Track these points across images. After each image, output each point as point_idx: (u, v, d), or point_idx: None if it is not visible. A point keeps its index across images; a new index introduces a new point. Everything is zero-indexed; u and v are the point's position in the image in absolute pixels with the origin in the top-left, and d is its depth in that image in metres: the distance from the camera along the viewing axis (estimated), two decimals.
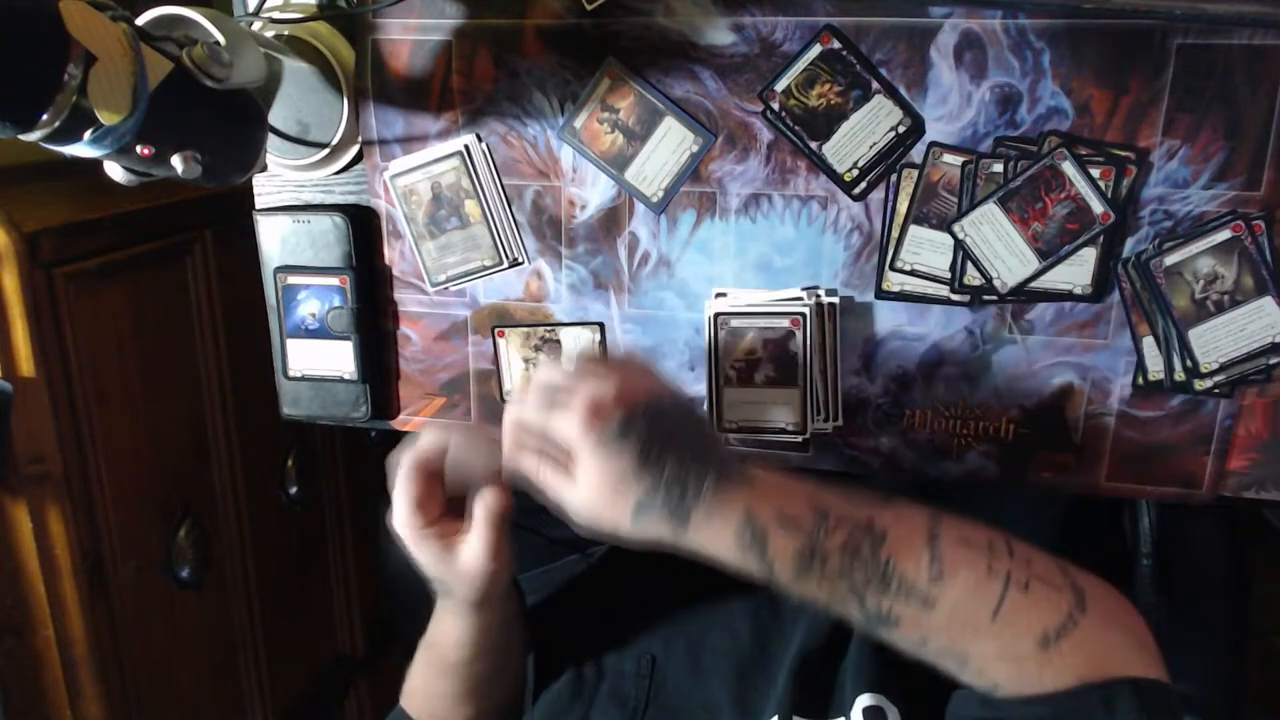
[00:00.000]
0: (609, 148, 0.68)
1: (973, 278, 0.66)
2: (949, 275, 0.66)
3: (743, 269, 0.69)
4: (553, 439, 0.53)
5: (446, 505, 0.61)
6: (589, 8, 0.66)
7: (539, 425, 0.54)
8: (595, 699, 0.66)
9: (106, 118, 0.49)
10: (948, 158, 0.64)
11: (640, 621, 0.70)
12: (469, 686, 0.67)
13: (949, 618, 0.52)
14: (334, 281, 0.74)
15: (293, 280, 0.75)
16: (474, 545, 0.59)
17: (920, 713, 0.57)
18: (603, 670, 0.67)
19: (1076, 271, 0.64)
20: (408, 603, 1.10)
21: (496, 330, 0.75)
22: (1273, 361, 0.63)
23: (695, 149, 0.67)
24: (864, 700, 0.59)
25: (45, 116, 0.47)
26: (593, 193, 0.70)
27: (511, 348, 0.75)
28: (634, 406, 0.52)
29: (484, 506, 0.58)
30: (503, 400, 0.76)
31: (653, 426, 0.52)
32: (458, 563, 0.60)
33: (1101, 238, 0.63)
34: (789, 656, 0.64)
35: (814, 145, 0.66)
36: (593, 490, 0.52)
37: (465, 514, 0.59)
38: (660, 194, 0.69)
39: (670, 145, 0.68)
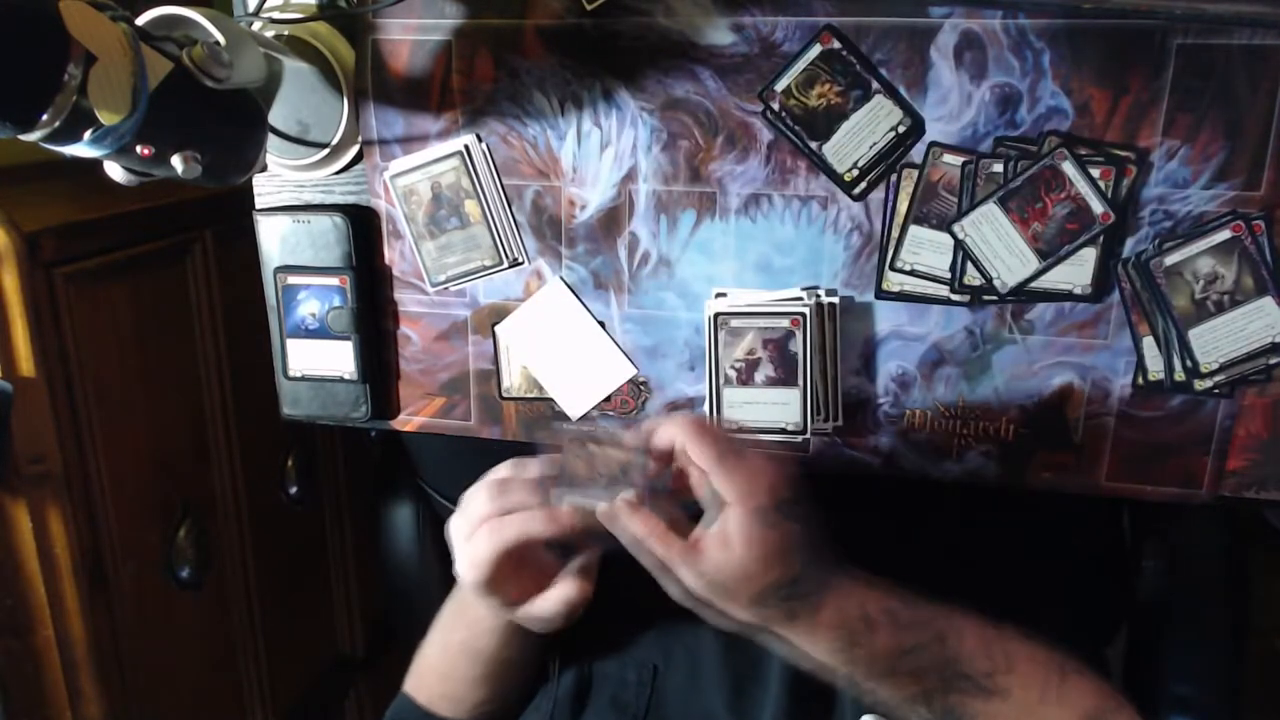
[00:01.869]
0: None
1: (973, 278, 0.66)
2: (949, 275, 0.66)
3: (743, 269, 0.69)
4: (716, 486, 0.51)
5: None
6: (589, 8, 0.66)
7: (711, 458, 0.51)
8: (595, 707, 0.66)
9: (106, 118, 0.49)
10: (948, 158, 0.64)
11: (641, 629, 0.70)
12: (492, 670, 0.67)
13: (1014, 707, 0.54)
14: (334, 281, 0.74)
15: (293, 280, 0.75)
16: (555, 602, 0.58)
17: None
18: (604, 678, 0.67)
19: (1076, 271, 0.64)
20: (407, 603, 1.11)
21: (496, 326, 0.74)
22: (1273, 361, 0.63)
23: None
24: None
25: (45, 116, 0.47)
26: (593, 193, 0.70)
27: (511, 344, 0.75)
28: (793, 492, 0.52)
29: (580, 576, 0.57)
30: (501, 398, 0.76)
31: (805, 517, 0.52)
32: (531, 611, 0.59)
33: (1101, 238, 0.63)
34: (779, 663, 0.64)
35: (814, 145, 0.66)
36: (741, 556, 0.50)
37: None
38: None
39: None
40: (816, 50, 0.64)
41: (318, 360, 0.77)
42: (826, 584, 0.53)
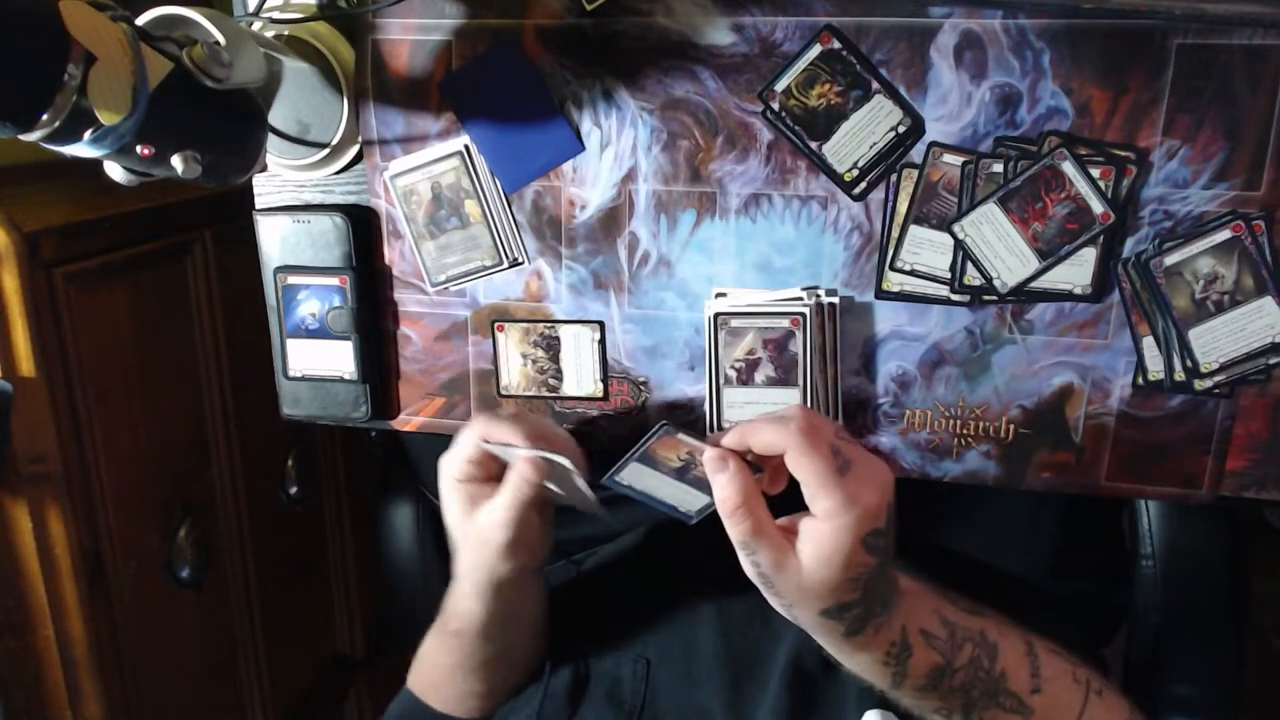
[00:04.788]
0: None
1: (973, 278, 0.66)
2: (949, 275, 0.66)
3: (743, 269, 0.69)
4: (824, 502, 0.48)
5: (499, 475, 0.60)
6: (589, 8, 0.66)
7: (811, 466, 0.48)
8: (591, 701, 0.66)
9: (106, 118, 0.49)
10: (948, 158, 0.64)
11: (634, 625, 0.70)
12: (473, 662, 0.67)
13: None
14: (334, 281, 0.74)
15: (293, 280, 0.75)
16: (491, 512, 0.58)
17: None
18: (599, 673, 0.67)
19: (1076, 271, 0.64)
20: (407, 603, 1.11)
21: (496, 324, 0.74)
22: (1273, 361, 0.63)
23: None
24: (872, 717, 0.59)
25: (45, 116, 0.47)
26: (593, 193, 0.70)
27: (510, 343, 0.75)
28: (890, 519, 0.50)
29: (517, 475, 0.57)
30: (500, 396, 0.76)
31: (891, 546, 0.51)
32: (472, 524, 0.59)
33: (1101, 238, 0.63)
34: (781, 661, 0.64)
35: (814, 145, 0.66)
36: (837, 574, 0.48)
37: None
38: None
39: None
40: (816, 50, 0.64)
41: (318, 360, 0.77)
42: (892, 604, 0.52)
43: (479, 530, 0.59)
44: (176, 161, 0.54)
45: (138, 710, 0.93)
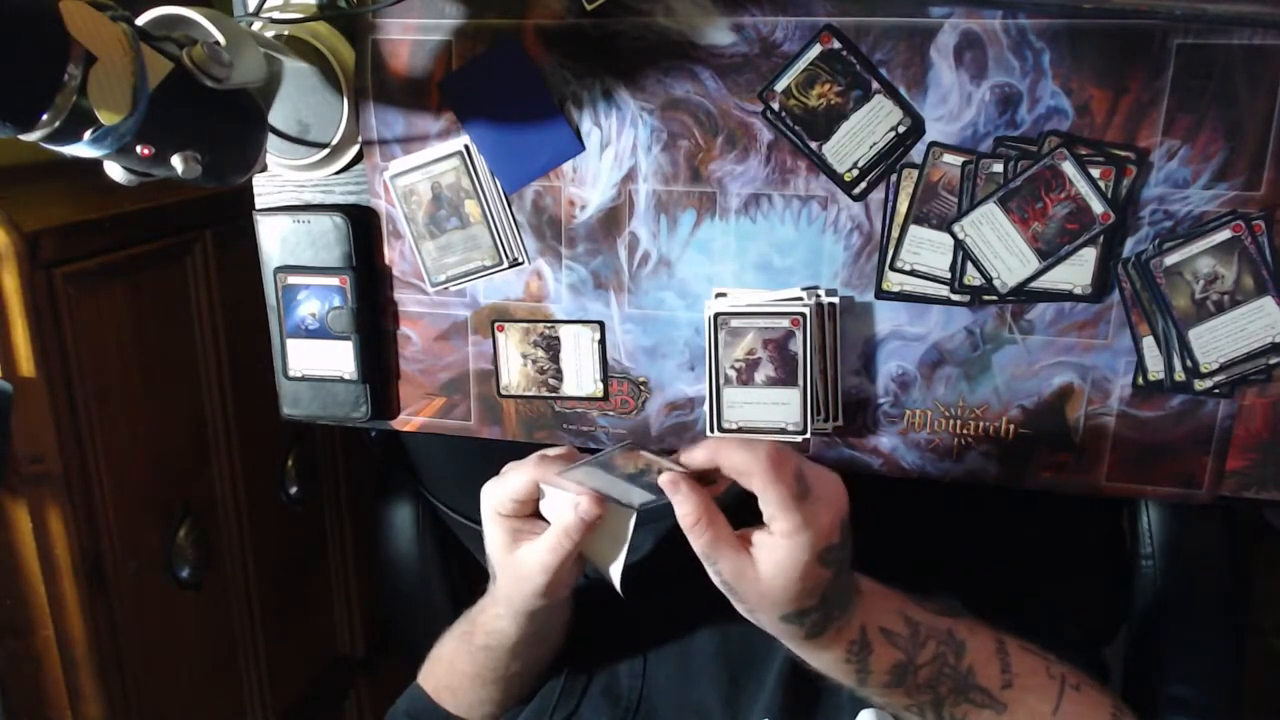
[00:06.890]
0: None
1: (973, 278, 0.66)
2: (949, 275, 0.66)
3: (743, 269, 0.69)
4: (784, 523, 0.51)
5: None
6: (589, 8, 0.66)
7: (772, 492, 0.51)
8: (588, 695, 0.66)
9: (106, 118, 0.49)
10: (948, 158, 0.64)
11: (632, 622, 0.70)
12: (497, 675, 0.67)
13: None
14: (334, 281, 0.74)
15: (293, 280, 0.75)
16: (533, 552, 0.58)
17: None
18: (596, 667, 0.68)
19: (1076, 271, 0.64)
20: (407, 603, 1.11)
21: (496, 325, 0.74)
22: (1273, 361, 0.63)
23: None
24: (867, 716, 0.59)
25: (45, 116, 0.47)
26: (593, 193, 0.70)
27: (510, 342, 0.75)
28: (845, 534, 0.53)
29: (564, 528, 0.57)
30: (500, 396, 0.76)
31: (847, 556, 0.53)
32: (513, 560, 0.60)
33: (1101, 238, 0.63)
34: (778, 659, 0.64)
35: (814, 145, 0.66)
36: (793, 584, 0.51)
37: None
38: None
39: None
40: (816, 50, 0.64)
41: (318, 360, 0.77)
42: (851, 606, 0.54)
43: (517, 568, 0.60)
44: (176, 161, 0.54)
45: (138, 710, 0.93)
